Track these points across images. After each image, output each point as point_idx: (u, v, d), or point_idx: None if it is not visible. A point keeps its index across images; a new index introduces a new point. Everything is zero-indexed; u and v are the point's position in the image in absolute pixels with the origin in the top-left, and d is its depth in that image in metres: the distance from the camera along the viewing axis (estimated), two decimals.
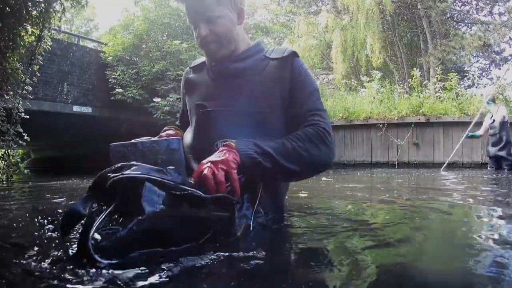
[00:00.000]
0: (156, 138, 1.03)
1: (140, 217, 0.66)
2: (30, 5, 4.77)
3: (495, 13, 12.23)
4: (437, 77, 8.25)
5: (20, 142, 5.14)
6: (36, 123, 6.35)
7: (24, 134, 5.14)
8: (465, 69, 13.34)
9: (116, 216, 0.70)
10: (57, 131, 11.57)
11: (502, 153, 4.96)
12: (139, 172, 0.71)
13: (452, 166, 5.84)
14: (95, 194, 0.75)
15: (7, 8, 4.53)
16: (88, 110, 9.01)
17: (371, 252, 0.81)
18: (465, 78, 11.84)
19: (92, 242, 0.63)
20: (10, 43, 4.73)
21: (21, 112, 5.13)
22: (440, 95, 7.61)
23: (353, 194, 2.12)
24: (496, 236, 0.98)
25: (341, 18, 11.68)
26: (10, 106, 5.11)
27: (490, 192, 2.28)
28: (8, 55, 4.76)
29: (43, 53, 5.58)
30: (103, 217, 0.67)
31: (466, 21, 13.11)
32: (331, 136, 1.05)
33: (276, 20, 16.40)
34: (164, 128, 1.28)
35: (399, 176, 4.01)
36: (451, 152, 6.39)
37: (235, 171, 0.87)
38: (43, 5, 4.94)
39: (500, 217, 1.31)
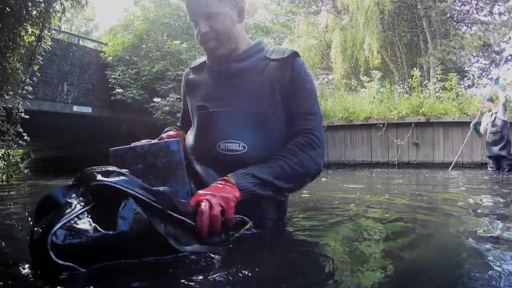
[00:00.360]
0: (155, 141, 1.03)
1: (111, 232, 0.63)
2: (30, 5, 4.76)
3: (495, 13, 12.24)
4: (437, 77, 8.24)
5: (20, 142, 5.14)
6: (36, 123, 6.35)
7: (24, 134, 5.14)
8: (465, 69, 13.34)
9: (89, 218, 0.65)
10: (57, 131, 11.56)
11: (503, 153, 4.94)
12: (126, 185, 0.67)
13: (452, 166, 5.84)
14: (78, 186, 0.72)
15: (7, 8, 4.53)
16: (88, 110, 9.01)
17: (370, 252, 0.81)
18: (465, 78, 11.84)
19: (53, 239, 0.60)
20: (10, 43, 4.73)
21: (21, 112, 5.13)
22: (440, 95, 7.61)
23: (353, 194, 2.12)
24: (496, 238, 0.98)
25: (341, 18, 11.68)
26: (10, 106, 5.11)
27: (492, 192, 2.29)
28: (8, 55, 4.76)
29: (43, 53, 5.58)
30: (72, 216, 0.63)
31: (466, 21, 13.10)
32: (321, 142, 1.08)
33: (276, 20, 16.39)
34: (166, 129, 1.28)
35: (399, 176, 4.01)
36: (451, 152, 6.39)
37: (233, 210, 0.86)
38: (43, 5, 4.94)
39: (503, 220, 1.31)
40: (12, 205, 2.04)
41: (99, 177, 0.69)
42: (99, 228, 0.63)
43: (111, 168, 0.72)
